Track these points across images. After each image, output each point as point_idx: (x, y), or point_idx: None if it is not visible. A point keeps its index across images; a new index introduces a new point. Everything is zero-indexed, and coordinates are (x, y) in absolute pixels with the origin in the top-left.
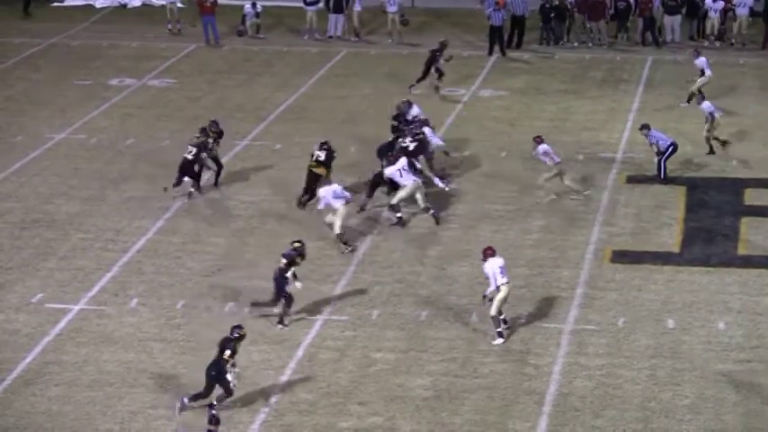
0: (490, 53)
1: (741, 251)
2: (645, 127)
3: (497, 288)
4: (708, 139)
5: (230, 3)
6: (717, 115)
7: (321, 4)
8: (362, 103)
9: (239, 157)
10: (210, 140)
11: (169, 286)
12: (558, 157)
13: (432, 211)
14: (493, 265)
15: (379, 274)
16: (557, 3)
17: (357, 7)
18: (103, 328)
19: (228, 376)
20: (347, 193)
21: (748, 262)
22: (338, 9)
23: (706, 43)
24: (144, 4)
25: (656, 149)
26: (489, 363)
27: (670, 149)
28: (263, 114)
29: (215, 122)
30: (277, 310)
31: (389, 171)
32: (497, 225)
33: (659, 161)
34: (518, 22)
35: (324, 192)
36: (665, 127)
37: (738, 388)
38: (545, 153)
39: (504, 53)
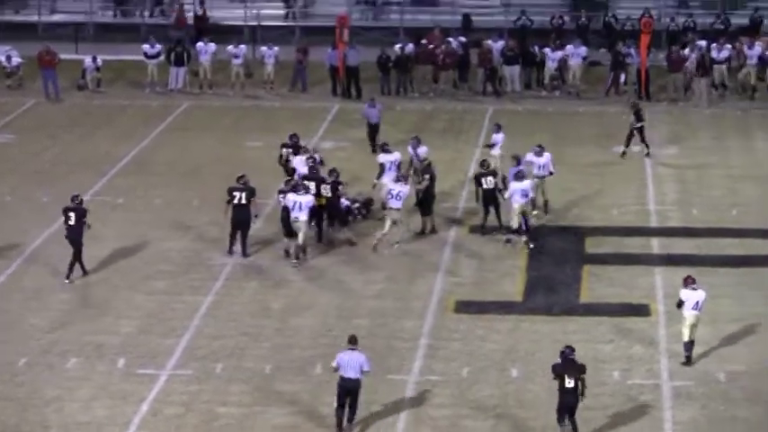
0: (374, 151)
1: (583, 299)
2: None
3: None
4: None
5: (70, 57)
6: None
7: (162, 58)
8: (205, 155)
9: None
10: None
11: (11, 342)
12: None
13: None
14: (695, 296)
15: (223, 328)
16: (399, 54)
17: (203, 59)
18: None
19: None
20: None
21: (589, 310)
22: (179, 62)
23: (544, 93)
24: None
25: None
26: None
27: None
28: (104, 168)
29: None
30: None
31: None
32: (341, 275)
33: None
34: (352, 73)
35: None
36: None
37: None
38: None
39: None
